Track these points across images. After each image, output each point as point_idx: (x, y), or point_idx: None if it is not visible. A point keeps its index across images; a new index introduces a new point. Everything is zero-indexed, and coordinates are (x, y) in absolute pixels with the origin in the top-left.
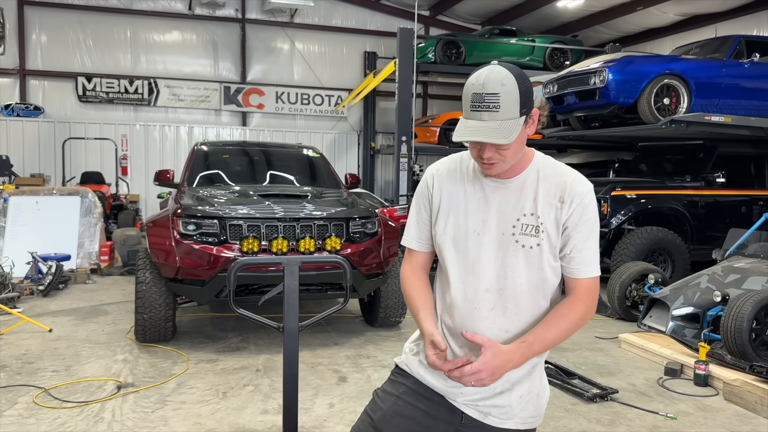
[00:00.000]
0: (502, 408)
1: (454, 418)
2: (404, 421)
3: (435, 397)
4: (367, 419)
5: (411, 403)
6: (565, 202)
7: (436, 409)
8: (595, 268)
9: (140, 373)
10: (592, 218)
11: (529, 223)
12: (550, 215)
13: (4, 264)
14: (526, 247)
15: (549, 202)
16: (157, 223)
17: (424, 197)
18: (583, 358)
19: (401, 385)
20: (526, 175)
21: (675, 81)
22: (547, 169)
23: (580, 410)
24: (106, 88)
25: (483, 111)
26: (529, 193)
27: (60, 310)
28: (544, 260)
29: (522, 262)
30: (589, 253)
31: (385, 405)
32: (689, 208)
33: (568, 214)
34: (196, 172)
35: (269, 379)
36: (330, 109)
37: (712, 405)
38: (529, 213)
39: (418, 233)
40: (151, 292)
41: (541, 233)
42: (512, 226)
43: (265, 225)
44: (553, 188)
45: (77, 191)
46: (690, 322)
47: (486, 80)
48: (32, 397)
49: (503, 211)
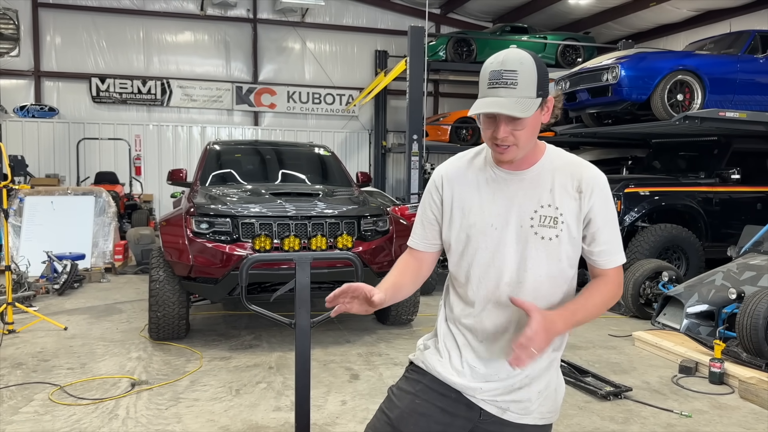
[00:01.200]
0: (520, 403)
1: (472, 414)
2: (422, 419)
3: (452, 394)
4: (384, 417)
5: (428, 400)
6: (583, 192)
7: (454, 405)
8: (623, 255)
9: (154, 370)
10: (612, 207)
11: (547, 215)
12: (570, 206)
13: (20, 263)
14: (546, 239)
15: (567, 193)
16: (170, 222)
17: (432, 199)
18: (597, 356)
19: (418, 383)
20: (541, 166)
21: (689, 77)
22: (561, 160)
23: (594, 408)
24: (119, 89)
25: (501, 87)
26: (545, 184)
27: (75, 308)
28: (562, 252)
29: (542, 254)
30: (617, 241)
31: (402, 403)
32: (704, 205)
33: (589, 205)
34: (209, 172)
35: (282, 376)
36: (341, 108)
37: (727, 403)
38: (546, 204)
39: (424, 234)
40: (164, 290)
41: (560, 224)
42: (530, 218)
43: (277, 223)
44: (570, 178)
45: (91, 191)
46: (705, 319)
47: (505, 58)
48: (48, 395)
49: (520, 204)
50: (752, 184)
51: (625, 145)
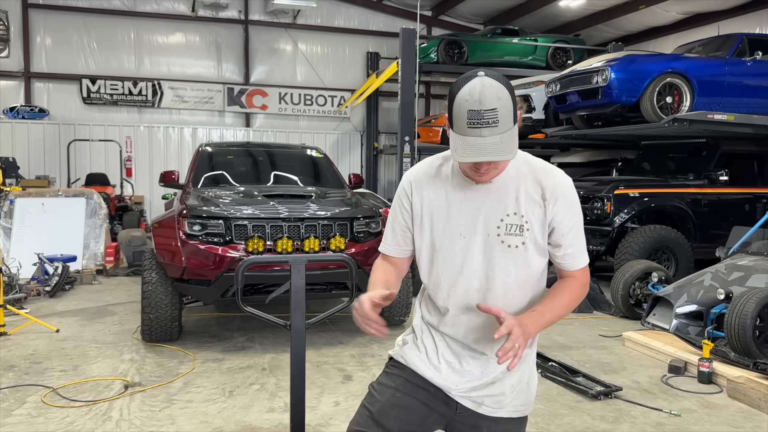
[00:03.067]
0: (494, 397)
1: (449, 408)
2: (402, 411)
3: (431, 388)
4: (366, 412)
5: (408, 393)
6: (548, 200)
7: (432, 399)
8: (586, 257)
9: (147, 372)
10: (577, 212)
11: (513, 223)
12: (534, 213)
13: (11, 265)
14: (512, 247)
15: (532, 200)
16: (162, 224)
17: (402, 205)
18: (587, 356)
19: (398, 377)
20: (506, 174)
21: (677, 79)
22: (527, 167)
23: (584, 407)
24: (110, 90)
25: (482, 127)
26: (510, 193)
27: (67, 310)
28: (529, 257)
29: (509, 261)
30: (581, 245)
31: (383, 397)
32: (692, 206)
33: (553, 212)
34: (201, 173)
35: (275, 377)
36: (333, 109)
37: (716, 402)
38: (512, 212)
39: (395, 240)
40: (157, 292)
41: (526, 231)
42: (497, 227)
43: (269, 225)
44: (534, 186)
45: (82, 192)
46: (694, 319)
47: (481, 96)
48: (41, 397)
49: (487, 212)
50: (740, 186)
51: (615, 147)
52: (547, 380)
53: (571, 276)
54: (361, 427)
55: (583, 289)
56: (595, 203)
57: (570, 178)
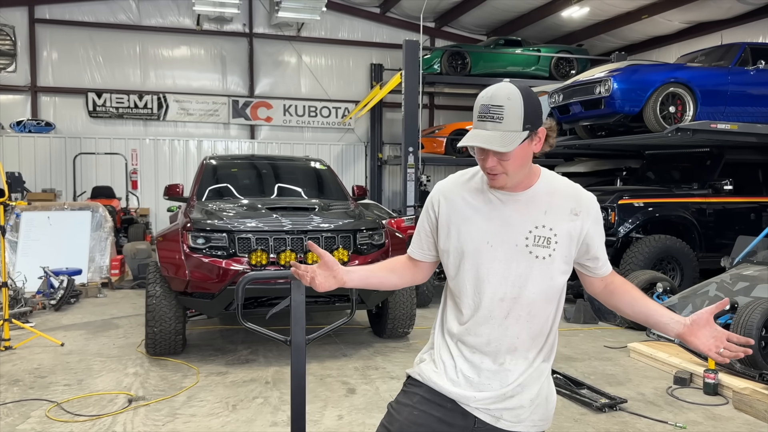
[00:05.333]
0: (513, 411)
1: (467, 422)
2: (421, 429)
3: (448, 404)
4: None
5: (426, 411)
6: (579, 215)
7: (450, 415)
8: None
9: (151, 386)
10: (602, 228)
11: (541, 235)
12: (564, 227)
13: (16, 279)
14: (539, 258)
15: (562, 215)
16: (167, 237)
17: (429, 214)
18: (592, 367)
19: (415, 395)
20: (536, 189)
21: (680, 89)
22: (556, 184)
23: (589, 420)
24: (116, 104)
25: (488, 121)
26: (540, 206)
27: (72, 324)
28: (554, 270)
29: (535, 272)
30: (606, 255)
31: (401, 416)
32: (697, 215)
33: (585, 227)
34: (205, 186)
35: (279, 391)
36: (337, 120)
37: (721, 414)
38: (541, 225)
39: (420, 244)
40: (161, 305)
41: (554, 244)
42: (525, 238)
43: (273, 238)
44: (564, 201)
45: (88, 206)
46: None
47: (494, 93)
48: (45, 411)
49: (515, 224)
50: (745, 195)
51: (619, 156)
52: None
53: (612, 278)
54: None
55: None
56: None
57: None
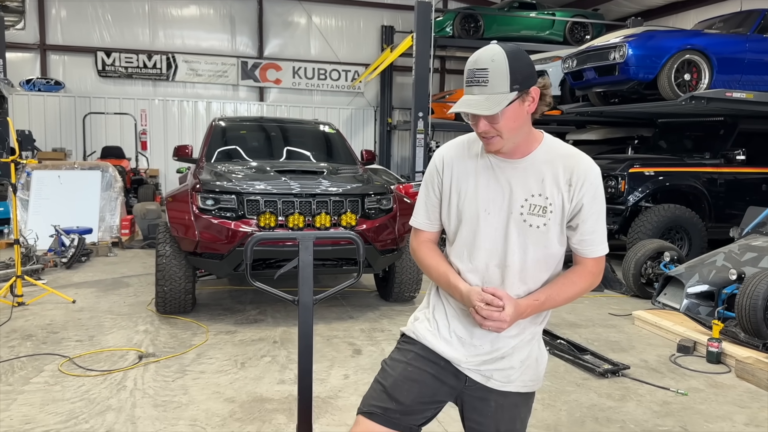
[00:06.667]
0: (503, 371)
1: (459, 381)
2: (414, 385)
3: (441, 362)
4: (379, 387)
5: (419, 367)
6: (573, 186)
7: (443, 373)
8: (605, 247)
9: (161, 343)
10: (601, 200)
11: (537, 204)
12: (559, 197)
13: (28, 236)
14: (533, 227)
15: (557, 184)
16: (176, 198)
17: (433, 180)
18: (596, 334)
19: (409, 352)
20: (534, 156)
21: (696, 56)
22: (556, 152)
23: (591, 385)
24: (125, 63)
25: (474, 86)
26: (537, 174)
27: (83, 282)
28: (550, 238)
29: (530, 241)
30: (600, 233)
31: (395, 372)
32: (708, 185)
33: (578, 198)
34: (214, 148)
35: (286, 350)
36: (347, 84)
37: (723, 382)
38: (537, 193)
39: (427, 214)
40: (171, 265)
41: (549, 213)
42: (520, 206)
43: (281, 201)
44: (562, 170)
45: (98, 165)
46: (705, 300)
47: (478, 57)
48: (57, 366)
49: (511, 192)
50: (757, 165)
51: (631, 125)
52: (555, 358)
53: (585, 265)
54: (375, 401)
55: (595, 279)
56: (609, 181)
57: (598, 166)
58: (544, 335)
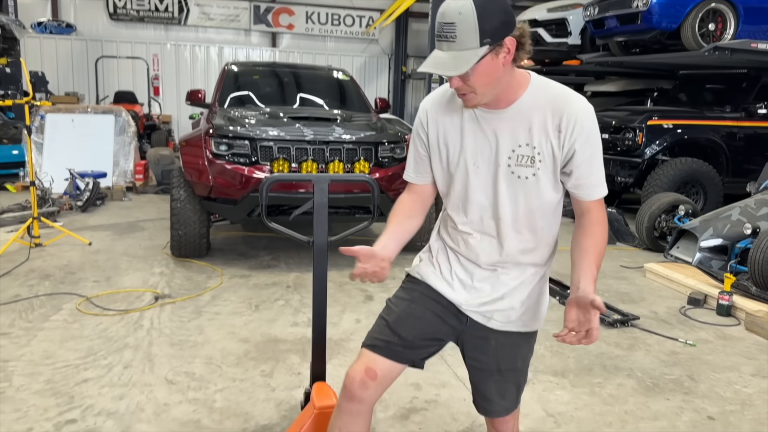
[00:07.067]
0: (503, 312)
1: (460, 321)
2: (417, 321)
3: (444, 302)
4: (383, 322)
5: (423, 305)
6: (563, 132)
7: (445, 312)
8: (604, 188)
9: (176, 285)
10: (595, 141)
11: (524, 154)
12: (548, 144)
13: (43, 179)
14: (522, 178)
15: (546, 131)
16: (190, 143)
17: (419, 134)
18: (607, 285)
19: (413, 291)
20: (520, 103)
21: (722, 5)
22: (543, 96)
23: (600, 334)
24: (136, 6)
25: (443, 41)
26: (523, 123)
27: (98, 225)
28: (542, 188)
29: (519, 192)
30: (597, 175)
31: (399, 308)
32: (727, 139)
33: (570, 143)
34: (227, 93)
35: (299, 294)
36: (361, 30)
37: (732, 334)
38: (524, 143)
39: (417, 168)
40: (185, 209)
41: (538, 163)
42: (507, 158)
43: (295, 147)
44: (550, 115)
45: (111, 110)
46: (718, 254)
47: (445, 10)
48: (75, 305)
49: (498, 143)
50: None
51: (651, 76)
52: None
53: (589, 215)
54: (379, 335)
55: (603, 224)
56: (626, 134)
57: (590, 105)
58: (553, 284)
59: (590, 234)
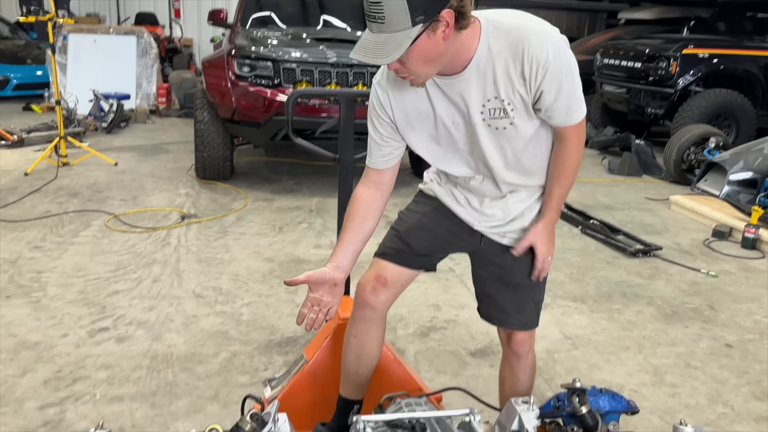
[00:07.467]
0: (516, 231)
1: (474, 238)
2: (428, 234)
3: (456, 219)
4: (394, 232)
5: (435, 220)
6: (527, 78)
7: (458, 229)
8: (582, 112)
9: (202, 206)
10: (566, 70)
11: (494, 107)
12: (516, 93)
13: (68, 100)
14: (500, 129)
15: (510, 81)
16: (213, 63)
17: (378, 115)
18: (631, 216)
19: (426, 205)
20: (476, 60)
21: None
22: (498, 44)
23: (621, 263)
24: None
25: (371, 22)
26: (486, 77)
27: (123, 146)
28: (523, 130)
29: (503, 140)
30: (572, 101)
31: (411, 220)
32: (765, 71)
33: (536, 86)
34: (249, 13)
35: (321, 218)
36: None
37: (755, 267)
38: (492, 97)
39: (381, 152)
40: (209, 131)
41: (511, 112)
42: (480, 113)
43: (318, 70)
44: (511, 63)
45: (133, 31)
46: (746, 187)
47: None
48: (104, 222)
49: (467, 104)
50: None
51: (688, 3)
52: (586, 237)
53: (564, 137)
54: (390, 243)
55: (579, 145)
56: (660, 63)
57: (552, 32)
58: (576, 215)
59: (563, 155)
